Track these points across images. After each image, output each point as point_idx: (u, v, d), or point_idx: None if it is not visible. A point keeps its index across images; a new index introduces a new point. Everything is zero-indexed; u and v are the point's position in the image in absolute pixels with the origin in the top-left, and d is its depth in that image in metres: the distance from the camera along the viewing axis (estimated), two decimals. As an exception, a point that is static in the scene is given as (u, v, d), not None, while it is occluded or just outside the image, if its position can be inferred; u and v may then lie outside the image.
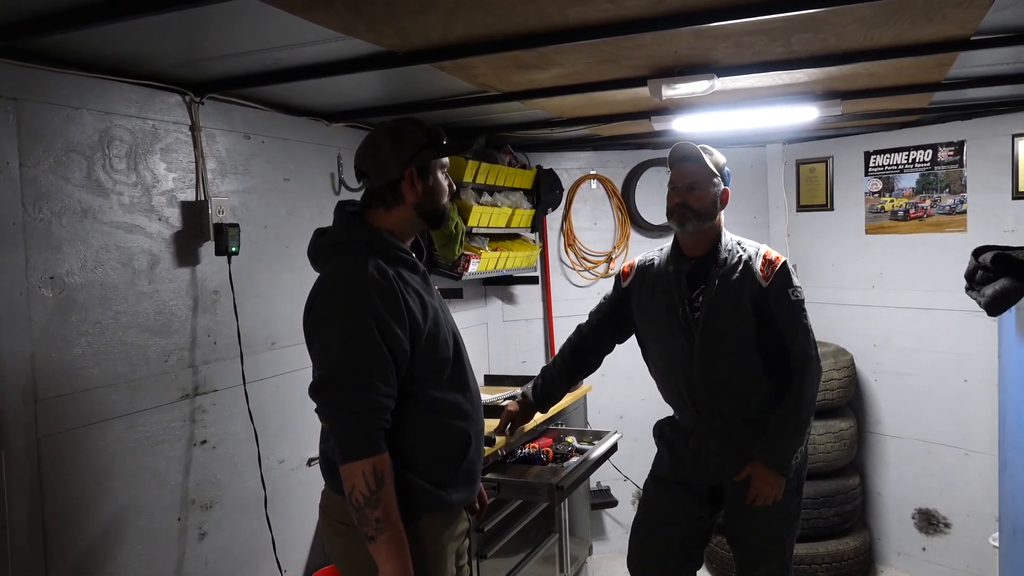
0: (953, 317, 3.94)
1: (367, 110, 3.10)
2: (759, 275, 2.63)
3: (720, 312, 2.62)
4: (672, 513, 2.80)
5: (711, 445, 2.71)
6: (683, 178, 2.69)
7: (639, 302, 2.83)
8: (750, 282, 2.62)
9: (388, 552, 1.81)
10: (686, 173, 2.69)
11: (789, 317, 2.61)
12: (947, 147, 3.98)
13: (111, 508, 2.27)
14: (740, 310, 2.61)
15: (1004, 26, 2.21)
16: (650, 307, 2.78)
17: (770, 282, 2.62)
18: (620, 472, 4.51)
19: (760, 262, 2.65)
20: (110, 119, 2.27)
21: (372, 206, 2.01)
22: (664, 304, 2.72)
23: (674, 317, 2.68)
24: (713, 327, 2.62)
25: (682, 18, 1.96)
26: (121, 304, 2.30)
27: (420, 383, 1.94)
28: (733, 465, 2.68)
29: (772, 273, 2.63)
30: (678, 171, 2.72)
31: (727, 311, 2.62)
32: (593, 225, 4.69)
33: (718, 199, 2.70)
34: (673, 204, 2.70)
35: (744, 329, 2.62)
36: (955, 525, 4.08)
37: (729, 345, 2.63)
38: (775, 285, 2.61)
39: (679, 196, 2.68)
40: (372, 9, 1.83)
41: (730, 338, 2.63)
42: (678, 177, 2.71)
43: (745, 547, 2.77)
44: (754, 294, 2.61)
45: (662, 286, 2.75)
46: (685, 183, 2.68)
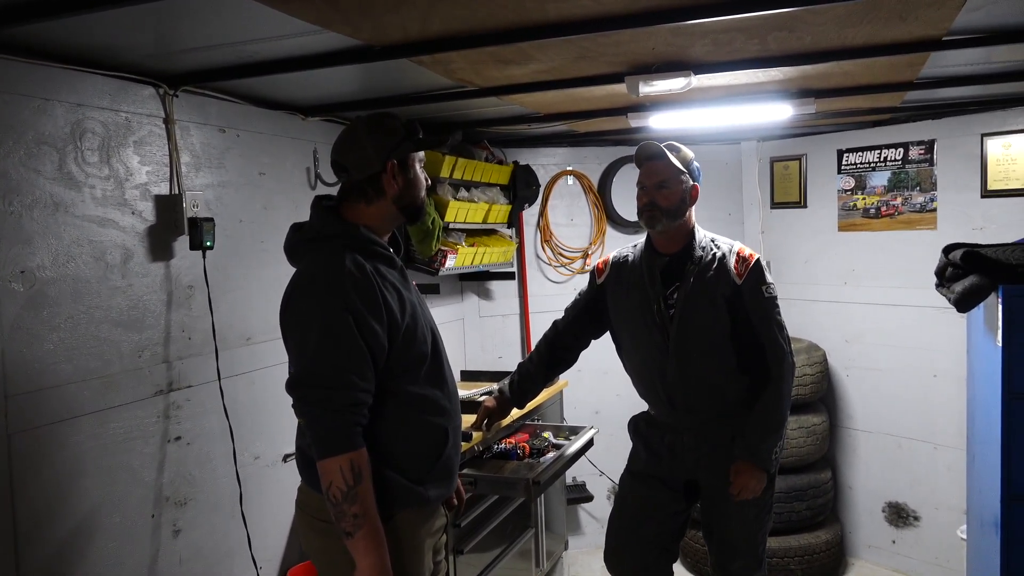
0: (923, 313, 4.00)
1: (343, 104, 3.08)
2: (733, 272, 2.65)
3: (695, 309, 2.64)
4: (648, 507, 2.83)
5: (687, 440, 2.74)
6: (650, 177, 2.69)
7: (614, 299, 2.84)
8: (724, 279, 2.64)
9: (366, 548, 1.81)
10: (653, 172, 2.69)
11: (763, 314, 2.64)
12: (918, 146, 4.04)
13: (84, 505, 2.24)
14: (715, 307, 2.63)
15: (975, 27, 2.25)
16: (625, 304, 2.80)
17: (744, 279, 2.64)
18: (596, 467, 4.53)
19: (734, 259, 2.67)
20: (82, 111, 2.23)
21: (351, 200, 2.00)
22: (638, 301, 2.73)
23: (649, 314, 2.70)
24: (688, 324, 2.64)
25: (660, 15, 1.97)
26: (94, 299, 2.27)
27: (398, 378, 1.94)
28: (709, 459, 2.71)
29: (746, 270, 2.65)
30: (645, 170, 2.72)
31: (702, 308, 2.64)
32: (569, 221, 4.70)
33: (687, 196, 2.70)
34: (643, 204, 2.70)
35: (719, 326, 2.64)
36: (924, 518, 4.15)
37: (704, 342, 2.65)
38: (749, 282, 2.63)
39: (647, 195, 2.69)
40: (349, 2, 1.81)
41: (705, 335, 2.65)
42: (645, 176, 2.71)
43: (721, 540, 2.80)
44: (728, 291, 2.64)
45: (636, 283, 2.76)
46: (653, 182, 2.68)
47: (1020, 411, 2.60)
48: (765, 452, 2.60)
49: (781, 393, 2.61)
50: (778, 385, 2.62)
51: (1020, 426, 2.60)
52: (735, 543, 2.77)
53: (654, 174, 2.68)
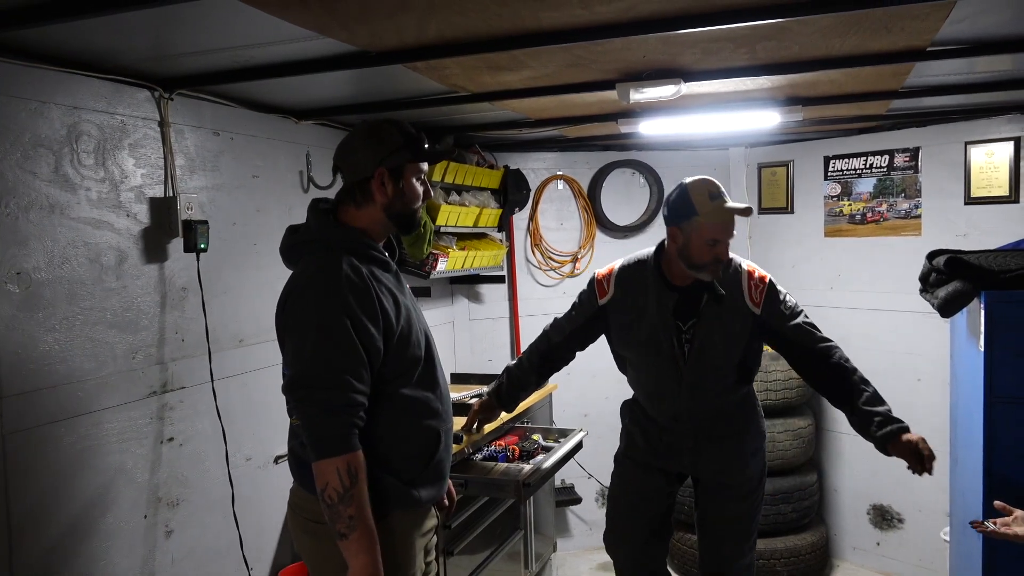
0: (908, 318, 4.05)
1: (337, 108, 3.10)
2: (749, 302, 2.60)
3: (712, 345, 2.62)
4: (646, 491, 2.89)
5: (686, 443, 2.78)
6: (730, 233, 2.52)
7: (619, 322, 2.74)
8: (742, 311, 2.61)
9: (359, 549, 1.82)
10: (732, 227, 2.53)
11: (793, 327, 2.60)
12: (903, 153, 4.09)
13: (77, 506, 2.25)
14: (731, 340, 2.63)
15: (959, 38, 2.30)
16: (633, 332, 2.70)
17: (762, 307, 2.60)
18: (585, 470, 4.56)
19: (746, 284, 2.62)
20: (78, 114, 2.25)
21: (344, 203, 2.01)
22: (649, 333, 2.66)
23: (662, 348, 2.64)
24: (704, 359, 2.63)
25: (651, 25, 2.00)
26: (88, 300, 2.28)
27: (392, 381, 1.95)
28: (706, 454, 2.77)
29: (762, 297, 2.61)
30: (729, 226, 2.52)
31: (719, 344, 2.62)
32: (559, 225, 4.73)
33: None
34: (712, 257, 2.52)
35: (732, 356, 2.66)
36: (908, 520, 4.20)
37: (718, 373, 2.68)
38: (768, 308, 2.60)
39: (720, 251, 2.52)
40: (347, 9, 1.84)
41: (720, 367, 2.67)
42: (726, 231, 2.51)
43: (715, 526, 2.86)
44: (746, 321, 2.61)
45: (646, 313, 2.66)
46: (727, 237, 2.52)
47: (1002, 414, 2.64)
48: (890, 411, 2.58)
49: (859, 375, 2.62)
50: (853, 371, 2.62)
51: (1002, 429, 2.64)
52: (728, 530, 2.83)
53: (731, 229, 2.53)
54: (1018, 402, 2.61)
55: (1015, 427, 2.62)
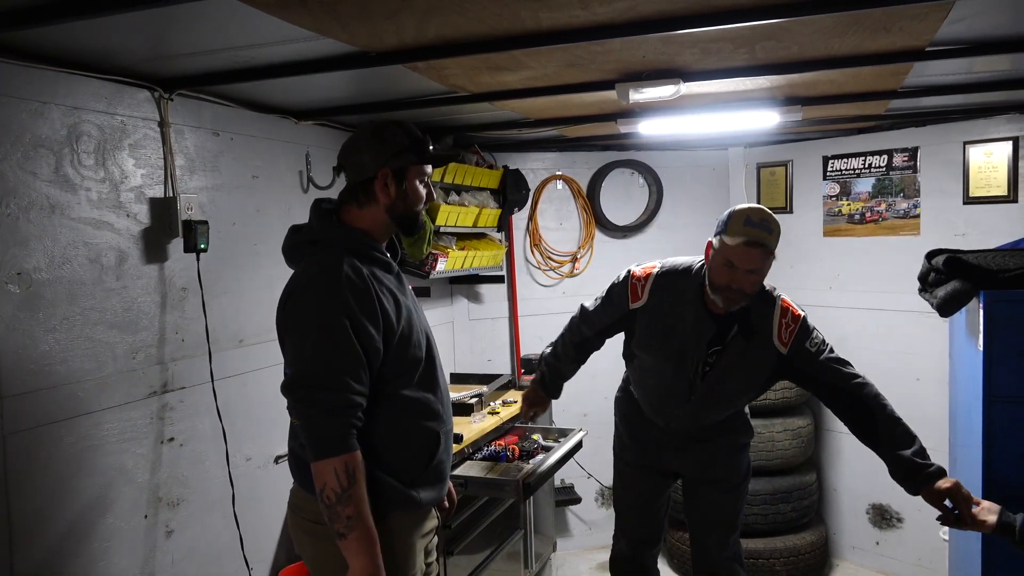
0: (907, 318, 4.06)
1: (336, 108, 3.11)
2: (777, 342, 2.54)
3: (731, 381, 2.62)
4: (646, 489, 2.97)
5: (674, 442, 2.84)
6: (746, 262, 2.39)
7: (647, 330, 2.68)
8: (767, 349, 2.55)
9: (358, 549, 1.82)
10: (752, 259, 2.40)
11: (820, 364, 2.53)
12: (902, 153, 4.10)
13: (77, 506, 2.25)
14: (750, 376, 2.62)
15: (957, 38, 2.30)
16: (659, 346, 2.65)
17: (789, 347, 2.53)
18: (584, 469, 4.56)
19: (777, 323, 2.54)
20: (78, 114, 2.25)
21: (347, 203, 2.02)
22: (676, 352, 2.61)
23: (682, 369, 2.62)
24: (717, 390, 2.64)
25: (650, 25, 2.00)
26: (89, 301, 2.28)
27: (392, 382, 1.95)
28: (691, 456, 2.84)
29: (791, 338, 2.53)
30: (745, 253, 2.39)
31: (737, 377, 2.62)
32: (559, 225, 4.74)
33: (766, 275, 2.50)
34: (724, 283, 2.43)
35: (749, 389, 2.68)
36: (907, 520, 4.21)
37: (725, 400, 2.72)
38: (794, 348, 2.53)
39: (735, 279, 2.42)
40: (347, 9, 1.84)
41: (729, 396, 2.70)
42: (741, 258, 2.39)
43: (699, 520, 2.93)
44: (770, 359, 2.57)
45: (678, 332, 2.59)
46: (746, 268, 2.40)
47: (1000, 414, 2.64)
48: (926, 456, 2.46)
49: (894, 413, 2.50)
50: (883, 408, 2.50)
51: (1000, 428, 2.65)
52: (713, 522, 2.90)
53: (750, 261, 2.39)
54: (1017, 401, 2.62)
55: (1014, 426, 2.63)
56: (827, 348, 2.58)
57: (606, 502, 4.76)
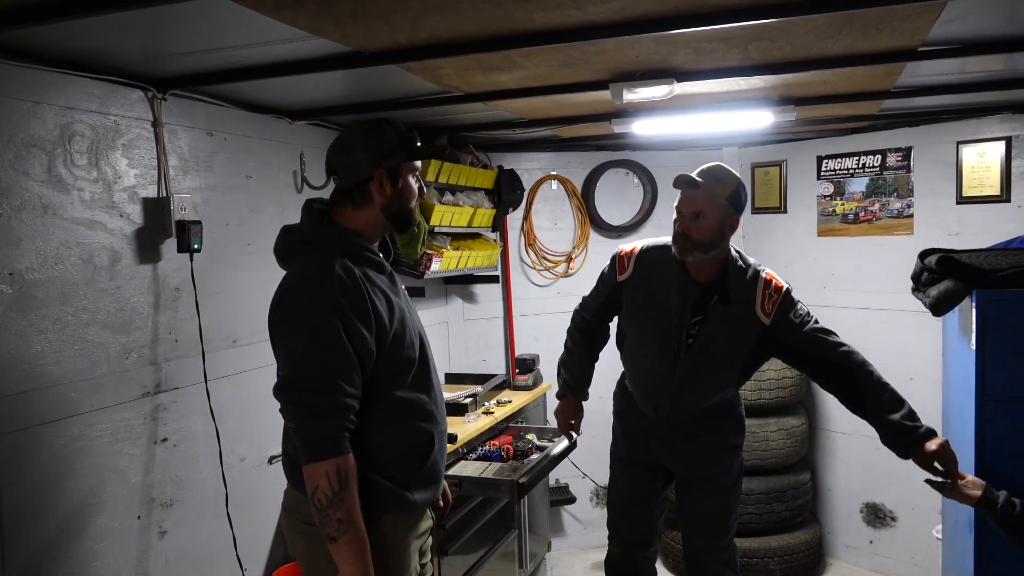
0: (900, 317, 4.07)
1: (331, 108, 3.11)
2: (760, 312, 2.57)
3: (714, 349, 2.63)
4: (637, 489, 2.96)
5: (661, 434, 2.83)
6: (687, 205, 2.52)
7: (633, 302, 2.76)
8: (750, 319, 2.58)
9: (349, 553, 1.81)
10: (689, 200, 2.52)
11: (804, 336, 2.56)
12: (895, 153, 4.11)
13: (70, 507, 2.25)
14: (733, 345, 2.63)
15: (950, 38, 2.31)
16: (644, 316, 2.71)
17: (772, 317, 2.56)
18: (579, 469, 4.57)
19: (760, 294, 2.58)
20: (71, 114, 2.25)
21: (339, 205, 2.00)
22: (660, 322, 2.66)
23: (667, 339, 2.65)
24: (700, 360, 2.65)
25: (644, 25, 2.01)
26: (81, 301, 2.28)
27: (385, 383, 1.95)
28: (679, 451, 2.82)
29: (774, 308, 2.57)
30: (683, 196, 2.55)
31: (722, 349, 2.63)
32: (553, 225, 4.74)
33: (726, 228, 2.55)
34: (676, 231, 2.56)
35: (733, 360, 2.66)
36: (900, 518, 4.22)
37: (714, 376, 2.70)
38: (777, 319, 2.56)
39: (682, 224, 2.54)
40: (341, 9, 1.84)
41: (717, 371, 2.68)
42: (682, 203, 2.55)
43: (690, 520, 2.91)
44: (753, 330, 2.59)
45: (662, 304, 2.65)
46: (689, 211, 2.51)
47: (993, 413, 2.66)
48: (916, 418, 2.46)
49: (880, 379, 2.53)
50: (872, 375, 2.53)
51: (993, 427, 2.66)
52: (703, 522, 2.87)
53: (691, 203, 2.51)
54: (1009, 400, 2.64)
55: (1006, 425, 2.64)
56: (812, 319, 2.60)
57: (600, 502, 4.77)
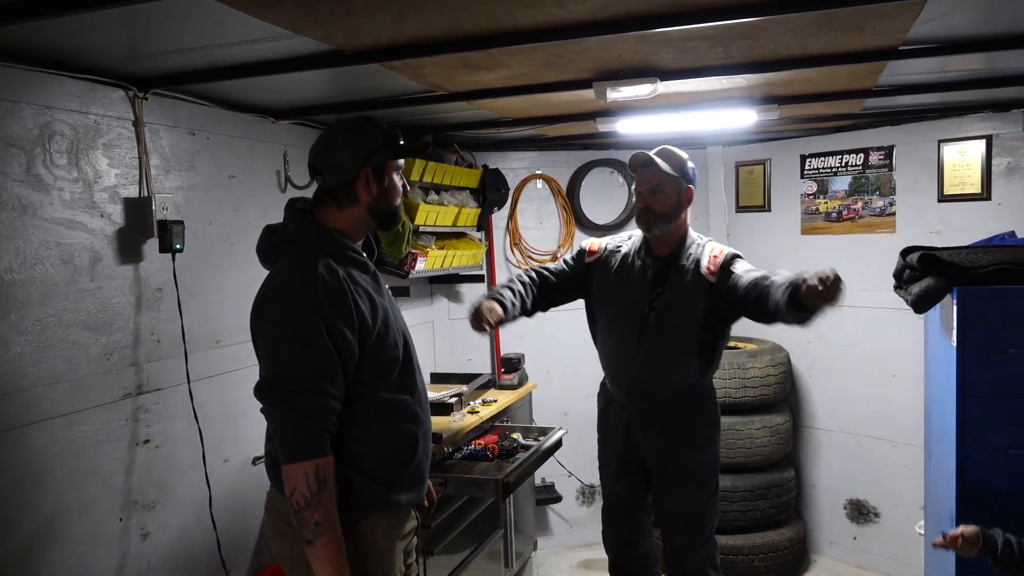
0: (883, 315, 4.10)
1: (314, 107, 3.09)
2: (707, 274, 2.74)
3: (672, 317, 2.77)
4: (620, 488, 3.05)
5: (637, 420, 2.90)
6: (645, 183, 2.78)
7: (600, 285, 2.93)
8: (701, 284, 2.75)
9: (325, 556, 1.81)
10: (646, 178, 2.77)
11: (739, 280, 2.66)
12: (878, 151, 4.14)
13: (51, 509, 2.22)
14: (691, 313, 2.75)
15: (930, 37, 2.33)
16: (612, 296, 2.90)
17: (717, 275, 2.73)
18: (565, 468, 4.57)
19: (707, 260, 2.77)
20: (51, 113, 2.22)
21: (324, 204, 1.99)
22: (626, 298, 2.84)
23: (631, 314, 2.81)
24: (662, 331, 2.78)
25: (626, 23, 2.01)
26: (62, 302, 2.25)
27: (368, 384, 1.94)
28: (655, 441, 2.88)
29: (717, 268, 2.74)
30: (639, 177, 2.80)
31: (679, 315, 2.77)
32: (538, 224, 4.74)
33: (682, 199, 2.78)
34: (639, 209, 2.80)
35: (692, 331, 2.76)
36: (884, 514, 4.25)
37: (672, 347, 2.78)
38: (721, 275, 2.72)
39: (643, 201, 2.78)
40: (322, 8, 1.83)
41: (677, 339, 2.77)
42: (640, 183, 2.80)
43: (666, 515, 2.97)
44: (703, 291, 2.74)
45: (627, 279, 2.85)
46: (647, 188, 2.76)
47: (974, 409, 2.68)
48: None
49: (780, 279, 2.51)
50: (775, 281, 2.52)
51: (974, 423, 2.68)
52: (679, 519, 2.93)
53: (647, 180, 2.77)
54: (990, 396, 2.66)
55: (987, 420, 2.66)
56: (752, 269, 2.70)
57: (587, 500, 4.77)
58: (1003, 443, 2.65)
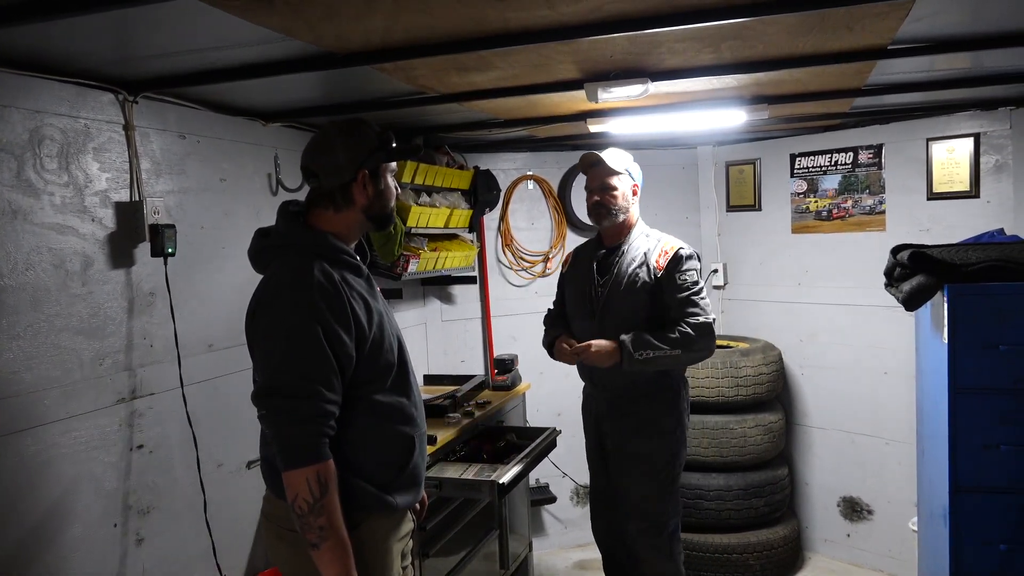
0: (874, 312, 4.12)
1: (305, 110, 3.09)
2: (654, 267, 2.99)
3: (617, 298, 3.01)
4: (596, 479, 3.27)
5: (602, 408, 3.11)
6: (595, 180, 3.11)
7: (567, 286, 3.28)
8: (645, 272, 3.00)
9: (331, 559, 1.81)
10: (596, 176, 3.11)
11: (676, 297, 2.94)
12: (867, 150, 4.16)
13: (45, 515, 2.21)
14: (634, 296, 2.99)
15: (918, 37, 2.34)
16: (571, 290, 3.22)
17: (663, 271, 2.97)
18: (559, 469, 4.57)
19: (657, 254, 3.01)
20: (40, 118, 2.22)
21: (319, 207, 1.98)
22: (579, 288, 3.15)
23: (583, 301, 3.11)
24: (609, 312, 3.02)
25: (617, 25, 2.02)
26: (54, 307, 2.25)
27: (364, 387, 1.93)
28: (614, 425, 3.08)
29: (665, 263, 2.98)
30: (589, 175, 3.14)
31: (623, 297, 3.00)
32: (530, 225, 4.74)
33: (629, 193, 3.11)
34: (591, 204, 3.13)
35: (636, 314, 2.98)
36: (877, 511, 4.27)
37: (619, 321, 2.96)
38: (666, 273, 2.97)
39: (593, 196, 3.11)
40: (313, 11, 1.83)
41: (623, 322, 2.96)
42: (591, 180, 3.13)
43: (620, 499, 3.13)
44: (649, 283, 2.98)
45: (579, 269, 3.20)
46: (597, 184, 3.09)
47: (965, 406, 2.69)
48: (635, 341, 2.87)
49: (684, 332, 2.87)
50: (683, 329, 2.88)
51: (965, 420, 2.69)
52: (631, 504, 3.08)
53: (597, 178, 3.10)
54: (981, 392, 2.67)
55: (978, 417, 2.67)
56: (693, 289, 2.95)
57: (581, 501, 4.78)
58: (995, 439, 2.66)
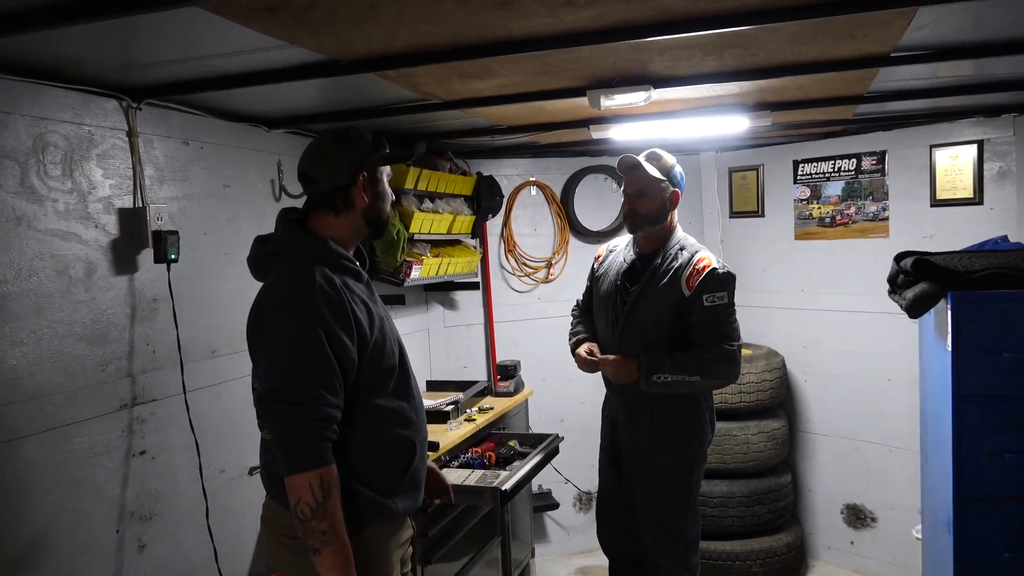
0: (877, 319, 4.11)
1: (308, 116, 3.09)
2: (684, 284, 2.83)
3: (641, 310, 2.89)
4: (606, 485, 3.20)
5: (620, 415, 3.04)
6: (631, 186, 2.91)
7: (597, 284, 3.13)
8: (675, 289, 2.84)
9: (333, 564, 1.80)
10: (633, 181, 2.90)
11: (703, 320, 2.81)
12: (870, 156, 4.16)
13: (46, 521, 2.21)
14: (659, 311, 2.86)
15: (921, 44, 2.34)
16: (600, 291, 3.08)
17: (693, 291, 2.81)
18: (561, 475, 4.57)
19: (689, 270, 2.84)
20: (44, 124, 2.22)
21: (319, 212, 1.99)
22: (608, 292, 3.01)
23: (609, 306, 2.99)
24: (632, 321, 2.91)
25: (620, 32, 2.02)
26: (57, 313, 2.25)
27: (365, 392, 1.94)
28: (630, 436, 2.99)
29: (696, 283, 2.81)
30: (627, 179, 2.93)
31: (647, 310, 2.88)
32: (533, 231, 4.75)
33: (667, 202, 2.92)
34: (625, 211, 2.95)
35: (658, 326, 2.87)
36: (881, 519, 4.25)
37: (643, 339, 2.88)
38: (695, 294, 2.81)
39: (629, 203, 2.92)
40: (316, 18, 1.83)
41: (645, 333, 2.88)
42: (627, 185, 2.93)
43: (637, 510, 3.04)
44: (677, 300, 2.84)
45: (608, 273, 3.05)
46: (633, 190, 2.90)
47: (969, 413, 2.69)
48: (656, 362, 2.80)
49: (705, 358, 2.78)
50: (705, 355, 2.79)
51: (969, 427, 2.69)
52: (646, 516, 3.00)
53: (634, 183, 2.90)
54: (984, 399, 2.67)
55: (982, 425, 2.67)
56: (722, 315, 2.81)
57: (583, 507, 4.77)
58: (998, 446, 2.66)
